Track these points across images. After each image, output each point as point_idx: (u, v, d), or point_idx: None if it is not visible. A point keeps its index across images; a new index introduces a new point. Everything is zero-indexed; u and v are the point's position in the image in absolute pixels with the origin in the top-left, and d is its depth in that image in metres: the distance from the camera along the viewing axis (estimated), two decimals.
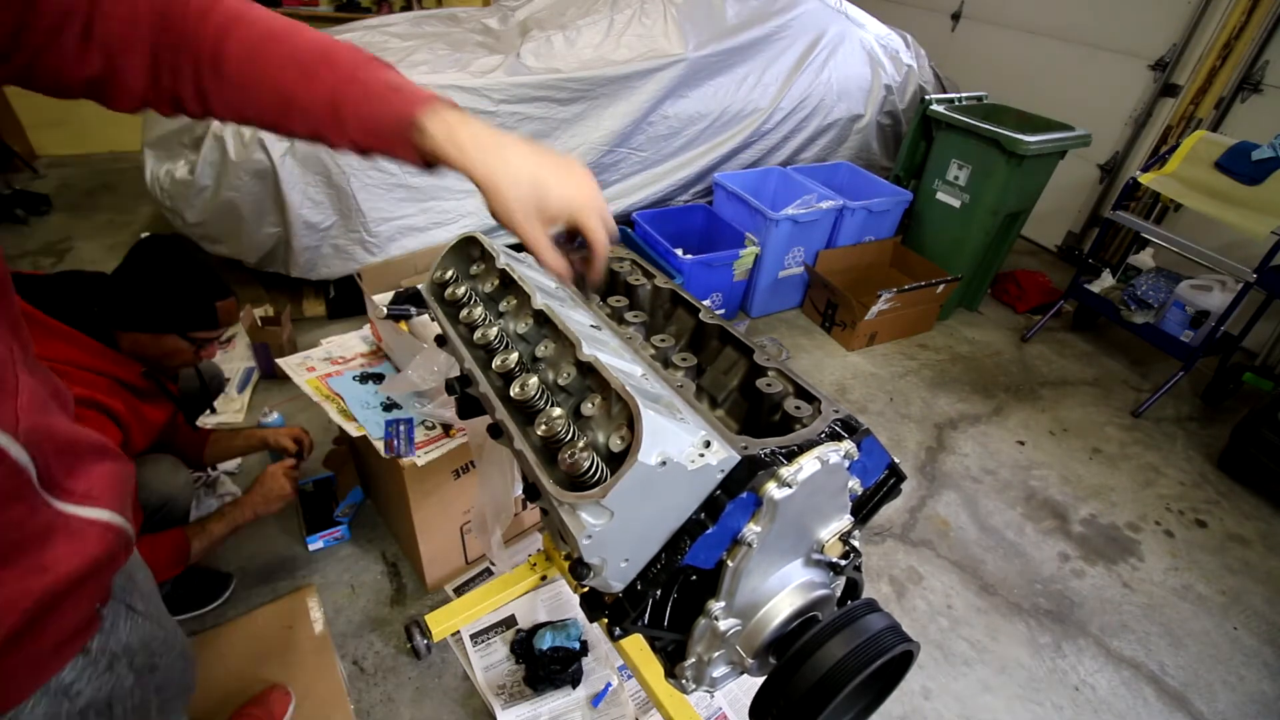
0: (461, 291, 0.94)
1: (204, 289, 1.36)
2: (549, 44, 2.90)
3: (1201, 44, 3.32)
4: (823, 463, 0.70)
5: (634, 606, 0.69)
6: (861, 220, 3.18)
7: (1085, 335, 3.38)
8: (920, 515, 2.25)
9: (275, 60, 0.63)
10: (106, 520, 0.65)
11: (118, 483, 0.69)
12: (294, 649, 1.65)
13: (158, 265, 1.32)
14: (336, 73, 0.64)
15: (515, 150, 0.66)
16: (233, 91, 0.63)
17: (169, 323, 1.34)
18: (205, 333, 1.40)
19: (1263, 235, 2.36)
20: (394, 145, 0.66)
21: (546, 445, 0.67)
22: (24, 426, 0.55)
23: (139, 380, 1.35)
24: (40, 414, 0.59)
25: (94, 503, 0.64)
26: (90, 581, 0.64)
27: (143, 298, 1.31)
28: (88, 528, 0.62)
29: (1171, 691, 1.80)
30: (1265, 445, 2.41)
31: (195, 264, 1.36)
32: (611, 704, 1.61)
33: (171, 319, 1.34)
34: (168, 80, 0.62)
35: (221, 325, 1.42)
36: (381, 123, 0.64)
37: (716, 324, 0.96)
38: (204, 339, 1.41)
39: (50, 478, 0.59)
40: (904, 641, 0.72)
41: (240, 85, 0.63)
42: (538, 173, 0.67)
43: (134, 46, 0.59)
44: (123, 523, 0.67)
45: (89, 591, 0.65)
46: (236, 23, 0.62)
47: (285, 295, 2.82)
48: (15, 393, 0.56)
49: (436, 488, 1.62)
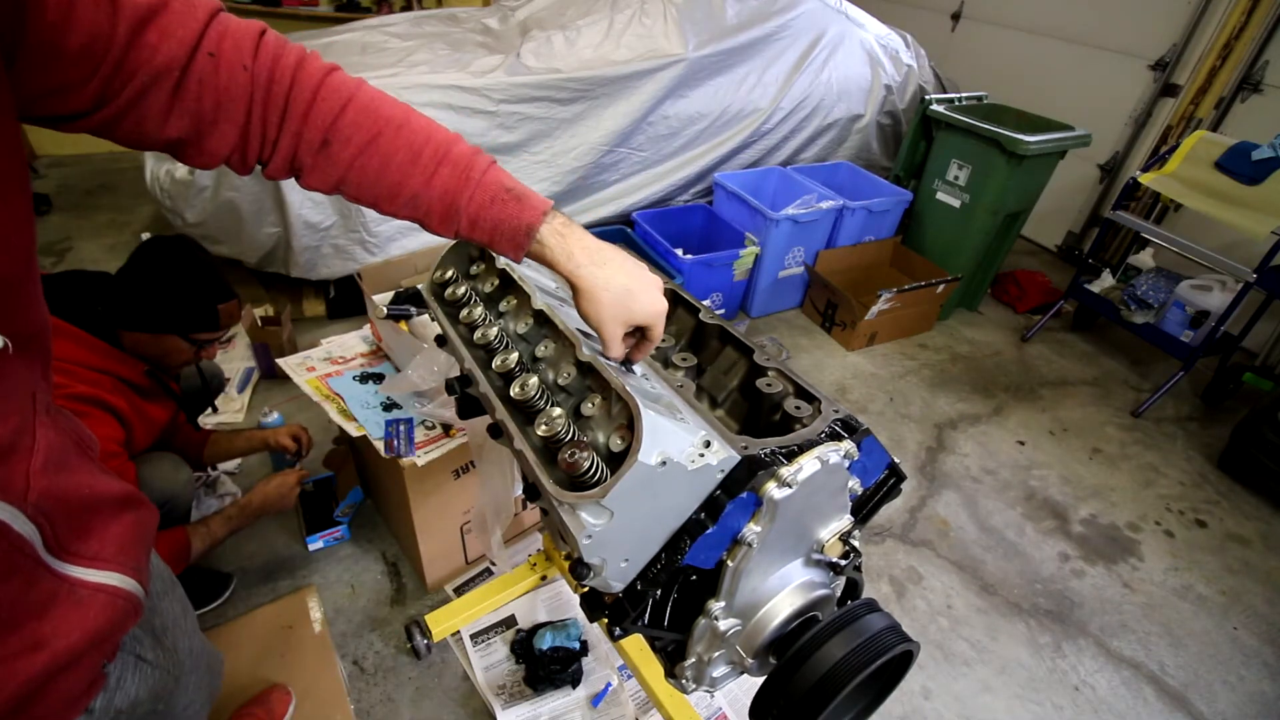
0: (461, 291, 0.94)
1: (206, 291, 1.37)
2: (549, 44, 2.90)
3: (1201, 44, 3.32)
4: (823, 463, 0.70)
5: (634, 606, 0.69)
6: (861, 220, 3.18)
7: (1085, 335, 3.38)
8: (920, 515, 2.25)
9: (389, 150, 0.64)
10: (115, 585, 0.63)
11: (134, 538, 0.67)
12: (294, 649, 1.65)
13: (161, 266, 1.33)
14: (455, 170, 0.66)
15: (615, 264, 0.72)
16: (337, 171, 0.64)
17: (171, 324, 1.35)
18: (207, 334, 1.40)
19: (1263, 235, 2.36)
20: (502, 244, 0.69)
21: (546, 445, 0.67)
22: (35, 492, 0.54)
23: (142, 379, 1.35)
24: (56, 473, 0.57)
25: (103, 565, 0.62)
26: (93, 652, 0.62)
27: (146, 298, 1.31)
28: (93, 596, 0.60)
29: (1171, 691, 1.80)
30: (1265, 445, 2.41)
31: (199, 265, 1.37)
32: (611, 704, 1.61)
33: (174, 320, 1.35)
34: (256, 146, 0.62)
35: (223, 327, 1.42)
36: (500, 227, 0.68)
37: (716, 324, 0.96)
38: (205, 339, 1.41)
39: (57, 541, 0.57)
40: (904, 641, 0.72)
41: (347, 167, 0.64)
42: (630, 285, 0.72)
43: (228, 116, 0.58)
44: (133, 587, 0.65)
45: (91, 661, 0.63)
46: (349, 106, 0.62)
47: (285, 295, 2.82)
48: (30, 452, 0.55)
49: (436, 488, 1.62)
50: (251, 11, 4.08)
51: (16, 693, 0.54)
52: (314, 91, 0.61)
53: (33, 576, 0.55)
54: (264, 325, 2.44)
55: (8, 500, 0.51)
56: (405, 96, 2.94)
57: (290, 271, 2.65)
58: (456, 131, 0.69)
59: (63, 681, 0.59)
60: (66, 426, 0.63)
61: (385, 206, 0.68)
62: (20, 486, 0.53)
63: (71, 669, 0.59)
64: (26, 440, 0.55)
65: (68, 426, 0.63)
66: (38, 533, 0.55)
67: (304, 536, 1.90)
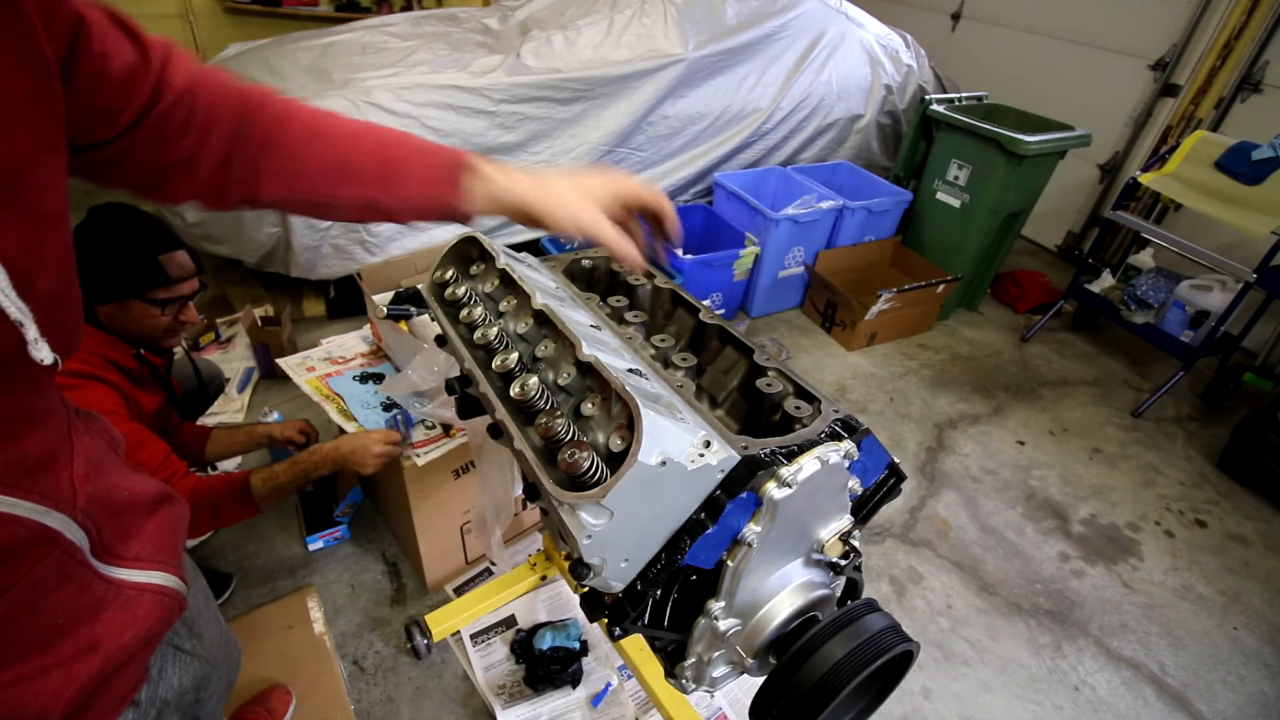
0: (461, 291, 0.94)
1: (143, 245, 1.32)
2: (549, 44, 2.90)
3: (1201, 44, 3.32)
4: (823, 463, 0.70)
5: (634, 606, 0.69)
6: (861, 220, 3.18)
7: (1085, 335, 3.38)
8: (920, 515, 2.25)
9: (331, 134, 0.68)
10: (159, 584, 0.65)
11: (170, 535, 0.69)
12: (294, 649, 1.65)
13: (96, 231, 1.30)
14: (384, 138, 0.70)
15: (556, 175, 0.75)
16: (289, 161, 0.67)
17: (121, 287, 1.30)
18: (163, 291, 1.34)
19: (1263, 235, 2.36)
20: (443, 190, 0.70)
21: (546, 445, 0.67)
22: (82, 498, 0.56)
23: (130, 362, 1.35)
24: (96, 476, 0.59)
25: (145, 565, 0.64)
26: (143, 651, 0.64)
27: (89, 266, 1.27)
28: (139, 596, 0.62)
29: (1171, 691, 1.80)
30: (1265, 445, 2.41)
31: (133, 223, 1.33)
32: (611, 704, 1.61)
33: (121, 282, 1.30)
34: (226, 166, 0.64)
35: (175, 280, 1.36)
36: (431, 170, 0.70)
37: (716, 324, 0.96)
38: (165, 299, 1.35)
39: (103, 546, 0.59)
40: (904, 641, 0.72)
41: (298, 156, 0.67)
42: (577, 178, 0.74)
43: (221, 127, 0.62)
44: (175, 584, 0.67)
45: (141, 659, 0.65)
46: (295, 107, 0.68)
47: (285, 295, 2.82)
48: (71, 459, 0.56)
49: (436, 488, 1.62)
50: (252, 12, 4.08)
51: (76, 695, 0.56)
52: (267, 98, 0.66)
53: (84, 582, 0.57)
54: (264, 325, 2.44)
55: (59, 509, 0.53)
56: (405, 96, 2.94)
57: (290, 271, 2.65)
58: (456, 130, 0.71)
59: (116, 681, 0.61)
60: (97, 428, 0.65)
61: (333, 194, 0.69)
62: (68, 494, 0.54)
63: (124, 669, 0.61)
64: (66, 447, 0.56)
65: (98, 428, 0.65)
66: (86, 539, 0.56)
67: (304, 536, 1.90)
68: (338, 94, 2.50)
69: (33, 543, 0.51)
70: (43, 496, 0.51)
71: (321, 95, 2.49)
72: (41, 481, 0.52)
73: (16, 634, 0.52)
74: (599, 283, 1.16)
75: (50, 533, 0.52)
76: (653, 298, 1.06)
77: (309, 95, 2.50)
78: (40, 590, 0.52)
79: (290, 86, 2.59)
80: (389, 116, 2.50)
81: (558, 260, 1.12)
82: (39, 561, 0.52)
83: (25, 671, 0.53)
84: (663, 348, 0.92)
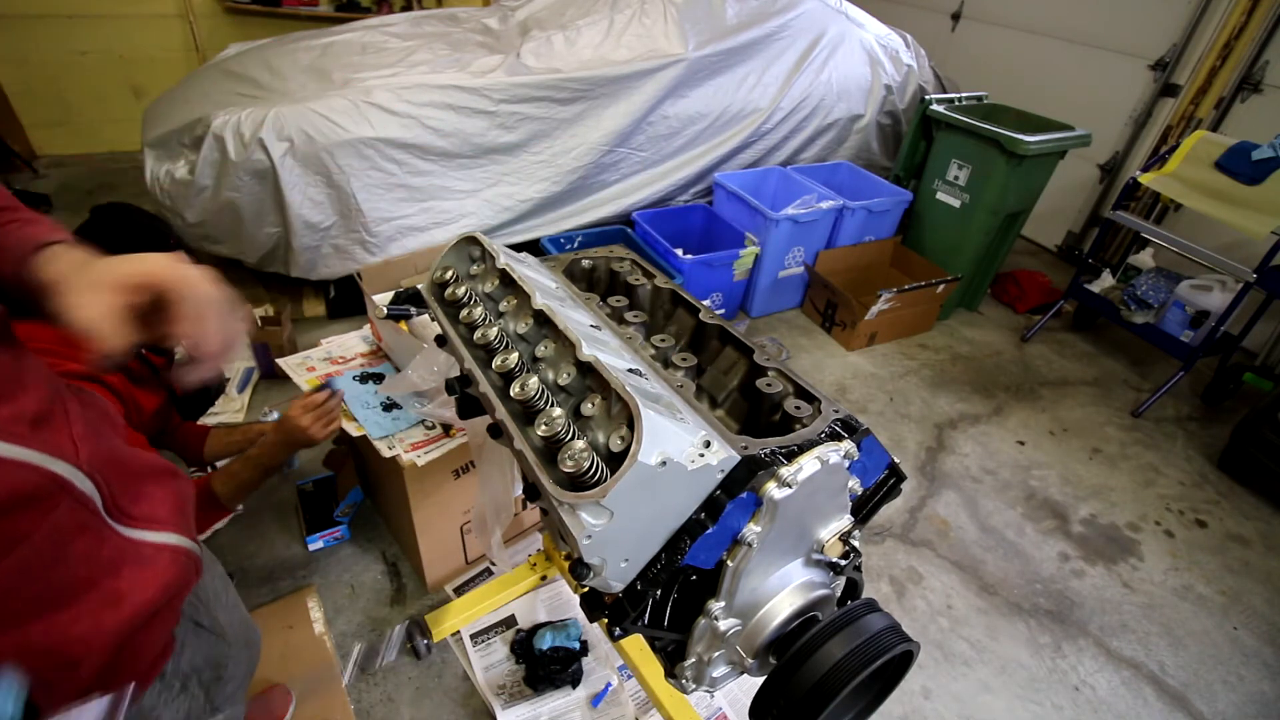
0: (461, 291, 0.94)
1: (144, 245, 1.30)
2: (549, 44, 2.90)
3: (1201, 44, 3.32)
4: (823, 463, 0.70)
5: (634, 606, 0.69)
6: (861, 220, 3.18)
7: (1085, 335, 3.38)
8: (920, 515, 2.25)
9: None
10: (175, 544, 0.66)
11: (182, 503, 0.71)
12: (294, 649, 1.65)
13: (97, 231, 1.30)
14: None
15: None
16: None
17: None
18: None
19: (1263, 235, 2.36)
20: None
21: (546, 445, 0.67)
22: (85, 453, 0.57)
23: (131, 362, 1.35)
24: (95, 439, 0.60)
25: (159, 526, 0.65)
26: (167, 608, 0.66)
27: None
28: (157, 554, 0.64)
29: (1171, 691, 1.80)
30: (1265, 445, 2.41)
31: (134, 223, 1.34)
32: (611, 704, 1.61)
33: None
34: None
35: None
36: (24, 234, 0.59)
37: (716, 324, 0.96)
38: None
39: (115, 505, 0.60)
40: (904, 641, 0.72)
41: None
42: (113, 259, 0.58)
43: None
44: (191, 545, 0.69)
45: (164, 620, 0.67)
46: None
47: (285, 295, 2.82)
48: (67, 420, 0.58)
49: (436, 488, 1.62)
50: (252, 12, 4.08)
51: (108, 643, 0.58)
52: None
53: (101, 534, 0.59)
54: (264, 325, 2.44)
55: (64, 459, 0.55)
56: (405, 96, 2.94)
57: (290, 271, 2.65)
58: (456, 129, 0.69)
59: (144, 638, 0.63)
60: (90, 402, 0.66)
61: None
62: (70, 450, 0.56)
63: (150, 626, 0.63)
64: (60, 409, 0.58)
65: (91, 402, 0.67)
66: (97, 493, 0.58)
67: (304, 536, 1.90)
68: (338, 94, 2.50)
69: (46, 489, 0.54)
70: (46, 445, 0.54)
71: (321, 95, 2.50)
72: (43, 434, 0.54)
73: (44, 584, 0.55)
74: (599, 283, 1.16)
75: (60, 480, 0.54)
76: (653, 298, 1.06)
77: (309, 95, 2.50)
78: (60, 539, 0.55)
79: (290, 86, 2.59)
80: (389, 116, 2.50)
81: (558, 260, 1.12)
82: (54, 508, 0.54)
83: (57, 621, 0.55)
84: (663, 348, 0.92)
